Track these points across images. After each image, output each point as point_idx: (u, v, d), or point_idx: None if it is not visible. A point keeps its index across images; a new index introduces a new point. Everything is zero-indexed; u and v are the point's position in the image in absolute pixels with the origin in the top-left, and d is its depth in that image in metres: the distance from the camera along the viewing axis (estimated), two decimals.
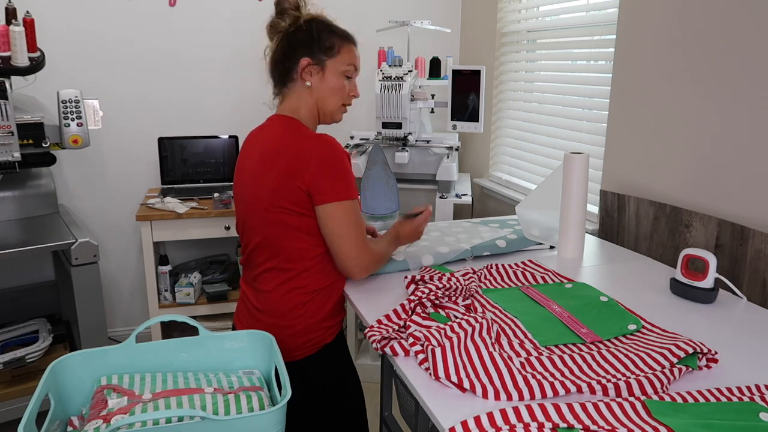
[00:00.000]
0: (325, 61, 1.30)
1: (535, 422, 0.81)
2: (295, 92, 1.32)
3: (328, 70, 1.31)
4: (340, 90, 1.33)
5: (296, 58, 1.29)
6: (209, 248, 2.96)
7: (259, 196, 1.26)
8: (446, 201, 2.47)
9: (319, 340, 1.31)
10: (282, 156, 1.23)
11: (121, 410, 0.90)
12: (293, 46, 1.30)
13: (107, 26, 2.60)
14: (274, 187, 1.23)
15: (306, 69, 1.30)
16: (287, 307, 1.28)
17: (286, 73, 1.32)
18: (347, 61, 1.33)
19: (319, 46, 1.30)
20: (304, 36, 1.30)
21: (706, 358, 0.99)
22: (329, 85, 1.32)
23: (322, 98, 1.33)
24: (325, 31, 1.31)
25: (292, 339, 1.28)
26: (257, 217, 1.28)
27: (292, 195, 1.22)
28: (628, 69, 1.77)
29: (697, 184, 1.55)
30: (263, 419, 0.91)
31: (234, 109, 2.87)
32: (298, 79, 1.31)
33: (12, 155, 1.90)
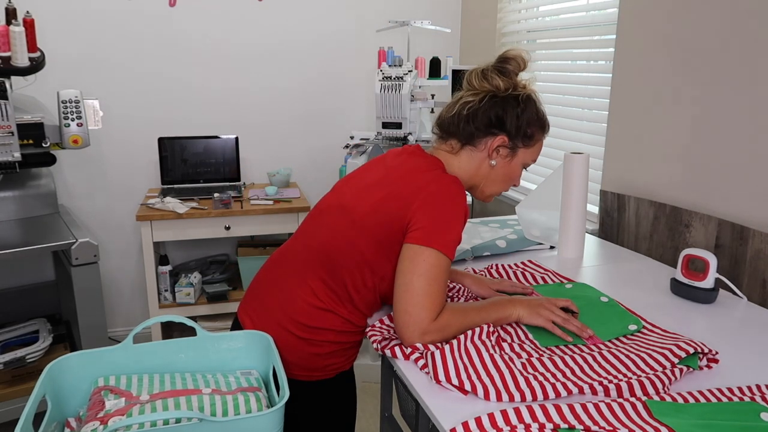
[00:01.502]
0: (519, 150, 1.18)
1: (536, 423, 0.80)
2: (470, 158, 1.18)
3: (517, 157, 1.19)
4: (513, 180, 1.22)
5: (494, 132, 1.16)
6: (209, 248, 2.96)
7: (356, 206, 1.13)
8: None
9: (339, 367, 1.20)
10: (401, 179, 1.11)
11: (118, 412, 0.90)
12: (499, 116, 1.15)
13: (107, 26, 2.60)
14: (376, 205, 1.10)
15: (499, 149, 1.16)
16: (323, 326, 1.14)
17: (472, 137, 1.17)
18: (535, 155, 1.21)
19: (523, 132, 1.16)
20: (514, 113, 1.15)
21: (706, 358, 0.99)
22: (509, 172, 1.19)
23: (492, 180, 1.20)
24: (534, 116, 1.17)
25: (316, 359, 1.16)
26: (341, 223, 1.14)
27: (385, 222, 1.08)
28: (628, 69, 1.76)
29: (697, 184, 1.54)
30: (261, 420, 0.91)
31: (234, 109, 2.86)
32: (484, 151, 1.17)
33: (12, 155, 1.90)
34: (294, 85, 2.90)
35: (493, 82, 1.16)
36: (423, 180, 1.09)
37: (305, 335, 1.14)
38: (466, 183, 1.19)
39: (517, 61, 1.18)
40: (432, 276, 1.03)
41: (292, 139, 2.95)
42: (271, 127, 2.92)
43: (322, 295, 1.14)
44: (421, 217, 1.05)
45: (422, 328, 1.02)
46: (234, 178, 2.80)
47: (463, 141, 1.17)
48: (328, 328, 1.14)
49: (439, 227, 1.05)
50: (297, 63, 2.89)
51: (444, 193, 1.07)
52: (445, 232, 1.05)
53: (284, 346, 1.14)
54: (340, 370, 1.21)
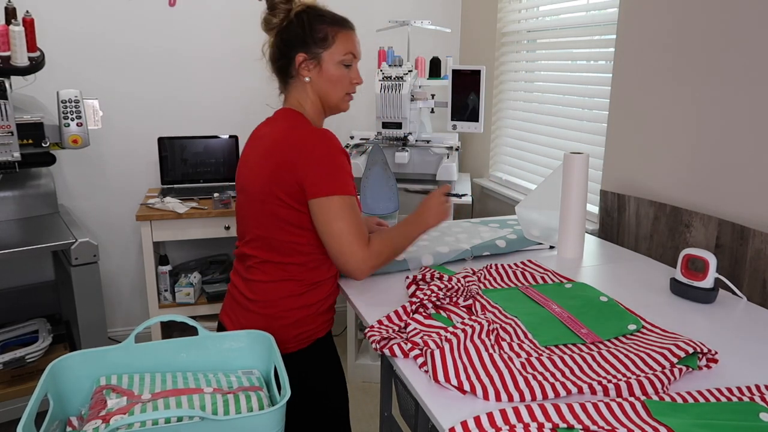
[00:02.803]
0: (321, 54, 1.27)
1: (535, 422, 0.81)
2: (296, 88, 1.31)
3: (324, 62, 1.27)
4: (341, 80, 1.30)
5: (291, 55, 1.27)
6: (209, 248, 2.96)
7: (255, 187, 1.24)
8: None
9: (312, 334, 1.29)
10: (279, 148, 1.21)
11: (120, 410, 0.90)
12: (286, 42, 1.27)
13: (107, 26, 2.60)
14: (270, 178, 1.21)
15: (302, 65, 1.27)
16: (280, 296, 1.25)
17: (285, 70, 1.30)
18: (344, 50, 1.28)
19: (313, 38, 1.26)
20: (296, 30, 1.26)
21: (706, 358, 0.99)
22: (328, 77, 1.28)
23: (323, 91, 1.30)
24: (317, 22, 1.27)
25: (285, 330, 1.25)
26: (253, 209, 1.26)
27: (286, 187, 1.20)
28: (628, 69, 1.77)
29: (697, 184, 1.54)
30: (262, 419, 0.91)
31: (234, 109, 2.87)
32: (297, 76, 1.29)
33: (12, 155, 1.90)
34: None
35: (271, 23, 1.29)
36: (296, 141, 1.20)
37: (269, 311, 1.25)
38: (316, 109, 1.32)
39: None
40: (344, 216, 1.18)
41: None
42: None
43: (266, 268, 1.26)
44: (310, 175, 1.17)
45: (359, 258, 1.20)
46: (234, 178, 2.80)
47: (283, 80, 1.32)
48: (286, 296, 1.25)
49: (329, 175, 1.18)
50: None
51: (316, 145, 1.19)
52: (336, 177, 1.18)
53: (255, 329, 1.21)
54: (315, 337, 1.29)
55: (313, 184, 1.18)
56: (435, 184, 2.54)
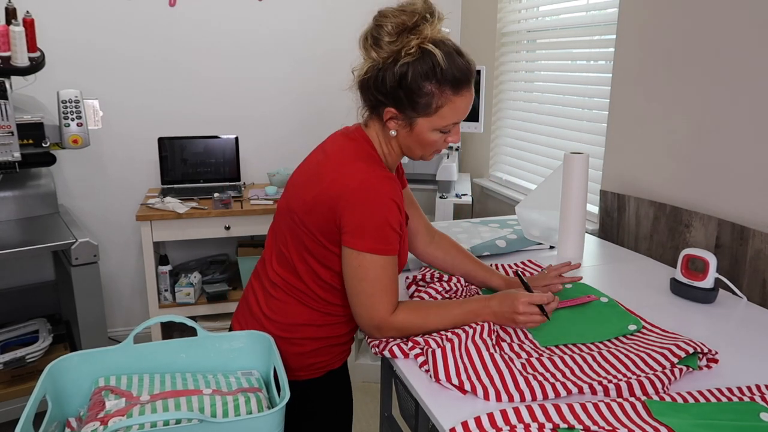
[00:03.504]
0: (416, 119, 1.06)
1: (535, 422, 0.81)
2: (376, 126, 1.12)
3: (418, 126, 1.07)
4: (433, 145, 1.10)
5: (381, 102, 1.07)
6: (209, 248, 2.96)
7: (296, 205, 1.11)
8: (446, 201, 2.47)
9: (326, 365, 1.19)
10: (330, 175, 1.06)
11: (118, 412, 0.90)
12: (380, 87, 1.05)
13: (107, 26, 2.60)
14: (311, 204, 1.07)
15: (391, 120, 1.08)
16: (299, 322, 1.14)
17: (371, 106, 1.11)
18: (447, 121, 1.06)
19: (411, 101, 1.04)
20: (397, 82, 1.03)
21: (706, 358, 0.99)
22: (419, 141, 1.09)
23: (407, 147, 1.12)
24: (425, 80, 1.02)
25: (299, 358, 1.15)
26: (286, 224, 1.14)
27: (319, 222, 1.07)
28: (628, 69, 1.77)
29: (697, 184, 1.54)
30: (262, 421, 0.91)
31: (234, 109, 2.86)
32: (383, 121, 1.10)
33: (12, 155, 1.90)
34: (294, 84, 2.90)
35: (370, 54, 1.06)
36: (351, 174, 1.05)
37: (285, 334, 1.14)
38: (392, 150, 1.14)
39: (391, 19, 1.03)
40: (372, 278, 1.04)
41: (292, 139, 2.95)
42: (271, 127, 2.92)
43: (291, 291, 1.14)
44: (349, 219, 1.03)
45: (375, 325, 1.06)
46: (234, 178, 2.80)
47: (368, 109, 1.13)
48: (306, 323, 1.14)
49: (367, 229, 1.03)
50: (297, 63, 2.89)
51: (364, 192, 1.03)
52: (375, 233, 1.03)
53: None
54: (329, 368, 1.20)
55: (352, 232, 1.03)
56: (435, 184, 2.54)
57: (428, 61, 1.02)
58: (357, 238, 1.03)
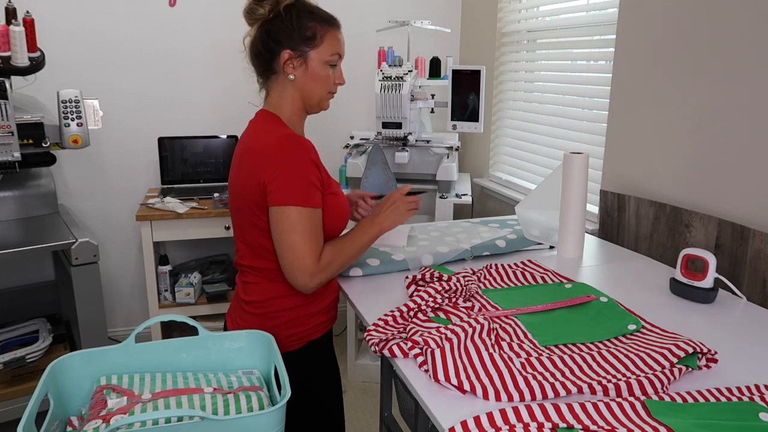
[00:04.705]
0: (308, 53, 1.23)
1: (534, 422, 0.81)
2: (278, 85, 1.27)
3: (311, 61, 1.23)
4: (325, 80, 1.26)
5: (277, 50, 1.23)
6: (209, 248, 2.96)
7: (234, 194, 1.25)
8: (446, 201, 2.47)
9: (305, 335, 1.28)
10: (250, 155, 1.20)
11: (120, 410, 0.90)
12: (272, 36, 1.23)
13: (107, 26, 2.60)
14: (244, 184, 1.21)
15: (288, 62, 1.23)
16: (269, 296, 1.26)
17: (267, 65, 1.26)
18: (331, 50, 1.25)
19: (301, 35, 1.22)
20: (284, 25, 1.21)
21: (705, 358, 0.99)
22: (313, 76, 1.25)
23: (306, 90, 1.26)
24: (306, 18, 1.22)
25: (277, 331, 1.25)
26: (236, 216, 1.27)
27: (254, 194, 1.18)
28: (628, 69, 1.77)
29: (697, 184, 1.55)
30: (263, 419, 0.91)
31: (234, 109, 2.86)
32: (281, 72, 1.25)
33: (12, 155, 1.90)
34: None
35: (256, 13, 1.24)
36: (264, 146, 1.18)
37: (260, 310, 1.26)
38: (296, 109, 1.28)
39: None
40: (299, 229, 1.15)
41: None
42: None
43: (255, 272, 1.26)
44: (271, 181, 1.15)
45: (308, 272, 1.16)
46: None
47: (264, 75, 1.28)
48: (276, 296, 1.25)
49: (288, 184, 1.15)
50: None
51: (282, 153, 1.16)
52: (297, 188, 1.15)
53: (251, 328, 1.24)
54: (307, 339, 1.28)
55: (273, 191, 1.15)
56: (435, 184, 2.54)
57: (304, 5, 1.23)
58: (279, 195, 1.15)
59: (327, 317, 1.34)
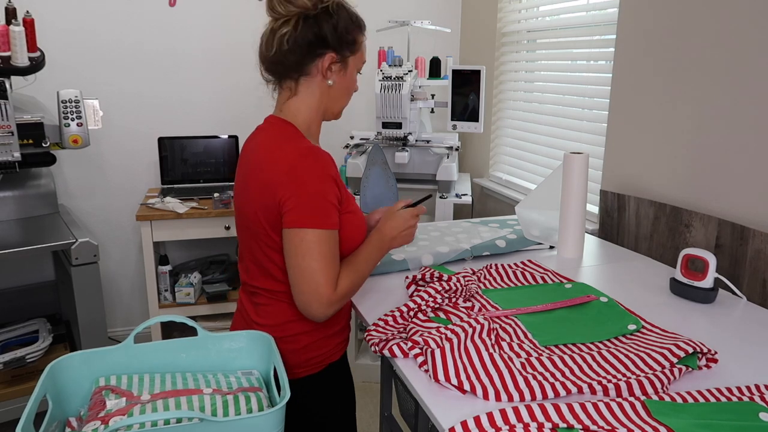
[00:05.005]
0: (348, 58, 1.16)
1: (534, 422, 0.81)
2: (307, 89, 1.15)
3: (349, 67, 1.17)
4: (353, 89, 1.21)
5: (320, 52, 1.12)
6: (209, 248, 2.96)
7: (246, 210, 1.15)
8: (446, 201, 2.47)
9: (324, 358, 1.20)
10: (263, 169, 1.10)
11: (119, 411, 0.90)
12: (319, 35, 1.11)
13: (107, 26, 2.60)
14: (257, 202, 1.11)
15: (330, 66, 1.13)
16: (286, 320, 1.16)
17: (299, 66, 1.13)
18: (364, 58, 1.20)
19: (346, 39, 1.14)
20: (331, 26, 1.11)
21: (705, 358, 0.99)
22: (348, 84, 1.19)
23: (336, 97, 1.19)
24: (350, 21, 1.15)
25: (295, 355, 1.17)
26: (245, 235, 1.18)
27: (270, 215, 1.09)
28: (628, 69, 1.77)
29: (697, 184, 1.54)
30: (262, 420, 0.91)
31: (234, 109, 2.87)
32: (317, 75, 1.14)
33: (12, 155, 1.90)
34: None
35: (298, 2, 1.10)
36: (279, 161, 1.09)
37: (278, 334, 1.15)
38: (315, 117, 1.19)
39: None
40: (316, 253, 1.06)
41: None
42: None
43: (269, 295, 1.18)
44: (287, 200, 1.06)
45: (324, 302, 1.07)
46: (234, 178, 2.80)
47: (296, 75, 1.15)
48: (293, 319, 1.16)
49: (306, 206, 1.06)
50: None
51: (299, 169, 1.07)
52: (314, 209, 1.06)
53: None
54: (327, 362, 1.22)
55: (288, 211, 1.06)
56: (435, 184, 2.54)
57: (343, 6, 1.15)
58: (294, 216, 1.05)
59: (343, 337, 1.26)
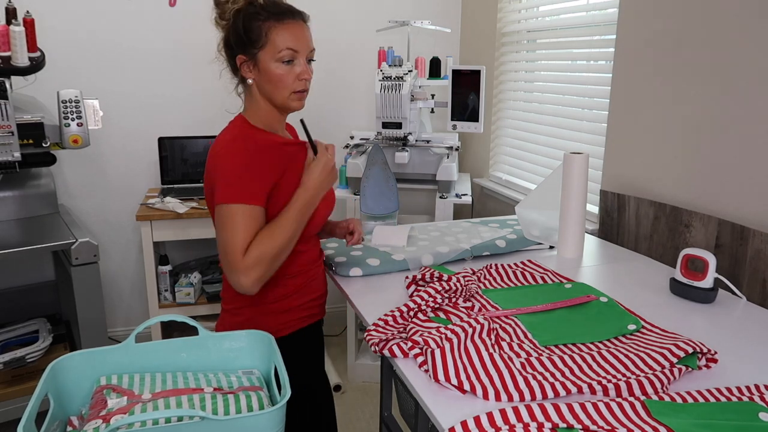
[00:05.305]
0: (257, 54, 1.20)
1: (534, 422, 0.81)
2: (246, 90, 1.28)
3: (261, 62, 1.20)
4: (281, 79, 1.20)
5: (232, 57, 1.24)
6: (209, 248, 2.96)
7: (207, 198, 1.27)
8: (446, 201, 2.47)
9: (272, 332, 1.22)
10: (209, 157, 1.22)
11: (120, 410, 0.90)
12: (228, 43, 1.24)
13: (107, 26, 2.60)
14: (206, 190, 1.24)
15: (243, 67, 1.23)
16: (232, 294, 1.26)
17: (234, 72, 1.28)
18: (279, 47, 1.18)
19: (248, 38, 1.20)
20: (234, 30, 1.21)
21: (705, 358, 0.99)
22: (267, 78, 1.21)
23: (266, 92, 1.24)
24: (251, 20, 1.19)
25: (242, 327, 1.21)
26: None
27: (210, 197, 1.20)
28: (628, 69, 1.77)
29: (697, 184, 1.55)
30: (263, 419, 0.91)
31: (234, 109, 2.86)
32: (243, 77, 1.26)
33: (12, 155, 1.90)
34: None
35: (218, 22, 1.25)
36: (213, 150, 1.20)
37: (228, 306, 1.30)
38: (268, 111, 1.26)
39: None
40: (225, 226, 1.13)
41: None
42: None
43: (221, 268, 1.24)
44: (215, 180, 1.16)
45: (235, 269, 1.12)
46: None
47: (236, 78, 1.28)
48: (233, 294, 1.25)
49: (220, 184, 1.14)
50: None
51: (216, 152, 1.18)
52: (226, 185, 1.14)
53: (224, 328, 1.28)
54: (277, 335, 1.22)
55: (215, 190, 1.16)
56: (435, 184, 2.54)
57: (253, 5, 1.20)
58: (215, 194, 1.15)
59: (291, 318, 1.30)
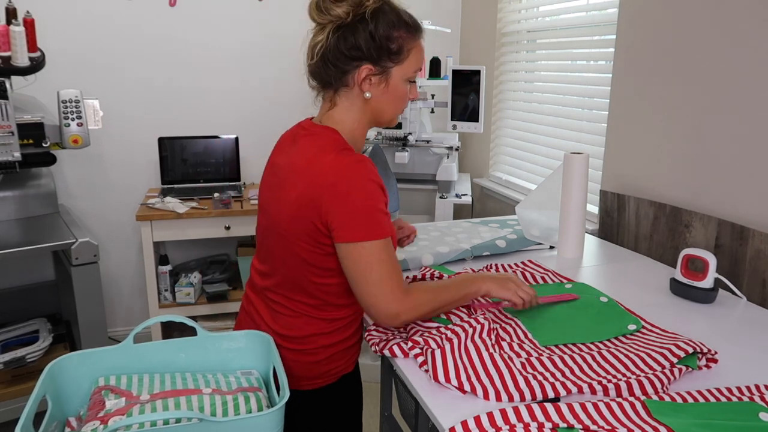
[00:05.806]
0: (391, 69, 1.06)
1: (535, 422, 0.81)
2: (347, 100, 1.09)
3: (392, 78, 1.07)
4: (403, 98, 1.10)
5: (354, 64, 1.05)
6: (209, 248, 2.96)
7: (278, 217, 1.08)
8: (446, 201, 2.47)
9: (341, 370, 1.18)
10: (303, 178, 1.04)
11: (118, 411, 0.90)
12: (351, 46, 1.04)
13: (107, 26, 2.60)
14: (293, 213, 1.04)
15: (366, 79, 1.06)
16: (310, 332, 1.12)
17: (339, 77, 1.07)
18: (415, 66, 1.08)
19: (385, 48, 1.04)
20: (366, 35, 1.03)
21: (705, 358, 0.99)
22: (393, 95, 1.09)
23: (380, 108, 1.10)
24: (393, 27, 1.05)
25: (315, 367, 1.14)
26: (279, 244, 1.10)
27: (309, 228, 1.03)
28: (628, 69, 1.77)
29: (697, 184, 1.54)
30: (261, 420, 0.91)
31: (235, 109, 2.86)
32: (355, 87, 1.07)
33: (12, 155, 1.90)
34: (294, 84, 2.90)
35: (332, 12, 1.03)
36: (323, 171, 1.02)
37: (297, 347, 1.13)
38: (361, 125, 1.11)
39: None
40: (376, 263, 1.00)
41: None
42: (271, 127, 2.92)
43: (293, 305, 1.12)
44: (336, 216, 1.00)
45: (393, 311, 1.02)
46: (234, 178, 2.80)
47: (334, 86, 1.09)
48: (316, 333, 1.12)
49: (357, 219, 1.00)
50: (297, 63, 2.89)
51: (346, 182, 1.00)
52: (366, 220, 1.00)
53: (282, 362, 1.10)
54: (343, 372, 1.19)
55: (342, 227, 1.00)
56: (435, 184, 2.54)
57: (392, 10, 1.06)
58: (350, 231, 1.00)
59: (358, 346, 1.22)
